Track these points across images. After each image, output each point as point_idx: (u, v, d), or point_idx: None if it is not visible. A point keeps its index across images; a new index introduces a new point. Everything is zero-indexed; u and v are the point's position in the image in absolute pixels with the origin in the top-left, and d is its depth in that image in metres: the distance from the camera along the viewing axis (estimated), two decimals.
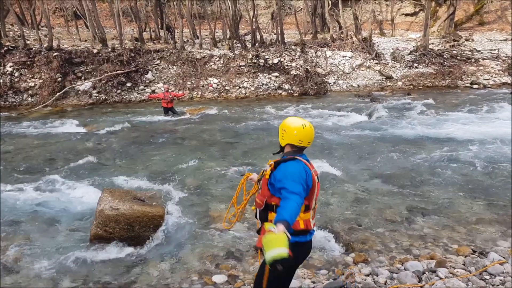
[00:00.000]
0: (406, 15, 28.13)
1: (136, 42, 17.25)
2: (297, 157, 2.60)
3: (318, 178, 2.66)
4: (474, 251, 4.16)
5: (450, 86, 16.87)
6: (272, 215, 2.58)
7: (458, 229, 4.74)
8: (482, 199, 5.59)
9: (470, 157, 7.30)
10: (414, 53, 18.91)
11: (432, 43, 20.05)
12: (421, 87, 17.12)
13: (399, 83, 17.63)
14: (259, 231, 2.67)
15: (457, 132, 9.16)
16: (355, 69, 18.33)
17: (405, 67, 18.52)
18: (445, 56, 18.64)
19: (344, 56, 19.03)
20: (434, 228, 4.77)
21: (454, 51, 19.21)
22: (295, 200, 2.33)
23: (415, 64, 18.42)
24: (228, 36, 19.00)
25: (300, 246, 2.58)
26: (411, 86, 17.28)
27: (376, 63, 18.80)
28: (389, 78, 17.88)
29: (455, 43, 20.38)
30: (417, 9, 27.72)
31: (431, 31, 22.46)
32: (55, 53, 14.84)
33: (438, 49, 19.30)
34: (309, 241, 2.66)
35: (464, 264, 3.84)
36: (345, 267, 3.98)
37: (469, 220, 4.96)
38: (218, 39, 19.08)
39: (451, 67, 17.77)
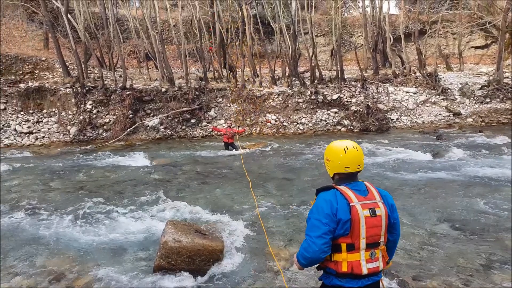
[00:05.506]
0: (476, 48, 26.70)
1: (200, 81, 18.40)
2: (335, 186, 2.42)
3: (372, 212, 2.31)
4: None
5: None
6: None
7: None
8: None
9: None
10: (486, 87, 17.76)
11: (507, 77, 18.69)
12: (494, 124, 15.91)
13: (469, 119, 16.55)
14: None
15: None
16: (420, 105, 17.63)
17: (475, 103, 17.42)
18: None
19: (407, 92, 18.45)
20: None
21: None
22: (302, 244, 2.39)
23: (487, 100, 17.26)
24: (287, 74, 19.50)
25: None
26: (483, 123, 16.12)
27: (443, 99, 17.93)
28: (457, 114, 16.89)
29: None
30: (488, 41, 26.21)
31: (506, 64, 21.01)
32: (128, 92, 16.36)
33: None
34: (363, 287, 2.37)
35: None
36: None
37: None
38: (277, 77, 19.64)
39: None
